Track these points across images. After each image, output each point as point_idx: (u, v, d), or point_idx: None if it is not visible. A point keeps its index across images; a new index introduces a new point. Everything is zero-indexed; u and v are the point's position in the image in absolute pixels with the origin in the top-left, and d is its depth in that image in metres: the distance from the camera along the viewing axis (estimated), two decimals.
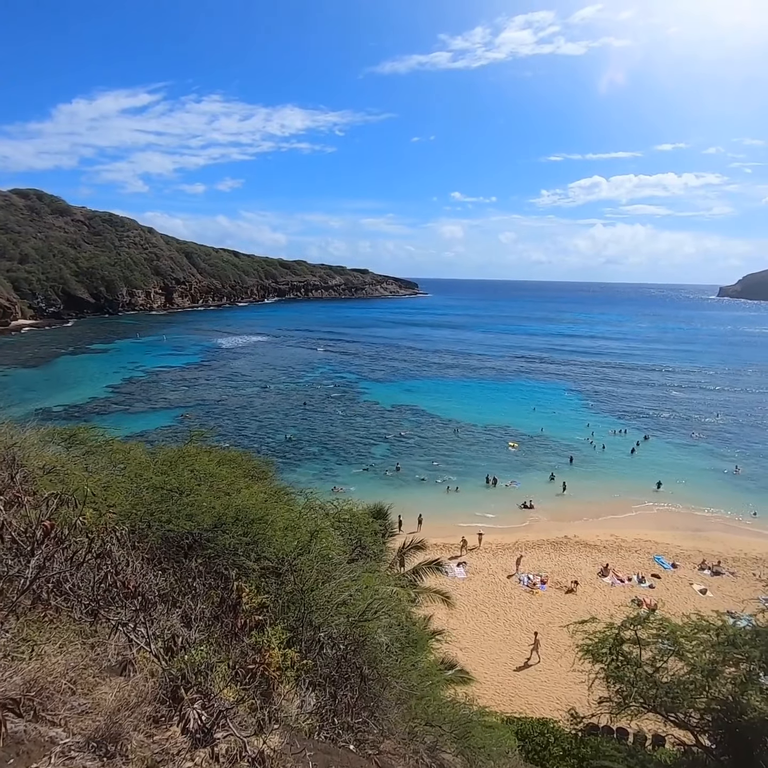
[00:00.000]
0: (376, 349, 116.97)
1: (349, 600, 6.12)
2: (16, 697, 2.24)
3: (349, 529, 10.27)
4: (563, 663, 18.53)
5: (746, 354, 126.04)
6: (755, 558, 33.11)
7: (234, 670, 2.95)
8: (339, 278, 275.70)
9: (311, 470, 46.34)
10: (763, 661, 10.52)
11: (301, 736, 3.00)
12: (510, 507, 40.48)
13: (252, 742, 2.52)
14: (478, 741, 5.80)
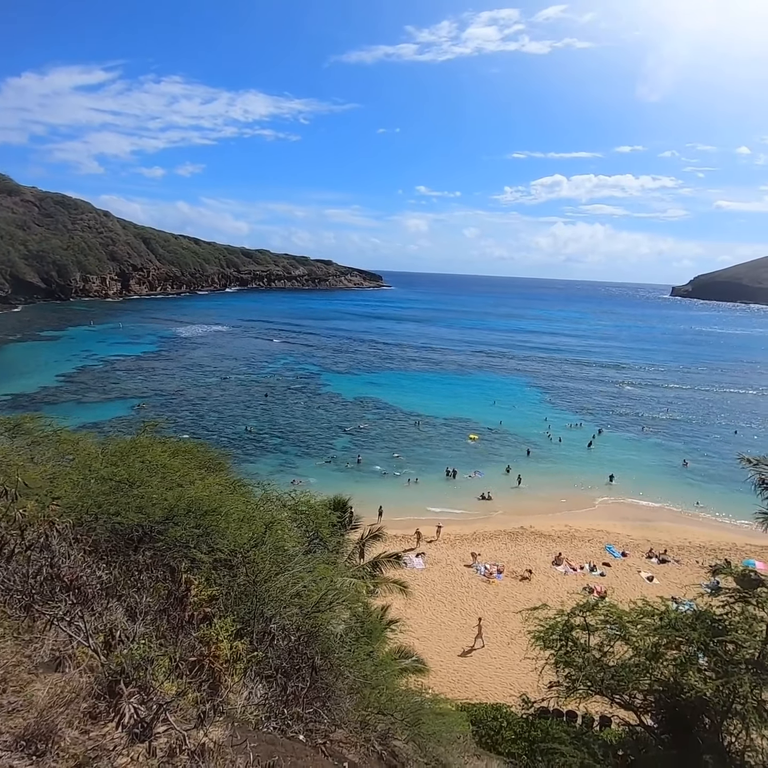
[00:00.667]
0: (339, 342, 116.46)
1: (304, 591, 6.10)
2: None
3: (307, 521, 10.23)
4: (517, 649, 19.03)
5: (696, 352, 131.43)
6: (698, 546, 34.74)
7: (176, 663, 2.90)
8: (302, 269, 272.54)
9: (271, 462, 45.89)
10: (702, 643, 11.05)
11: (246, 728, 2.97)
12: (469, 499, 41.15)
13: (193, 736, 2.49)
14: (429, 728, 5.89)
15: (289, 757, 2.77)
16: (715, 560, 30.77)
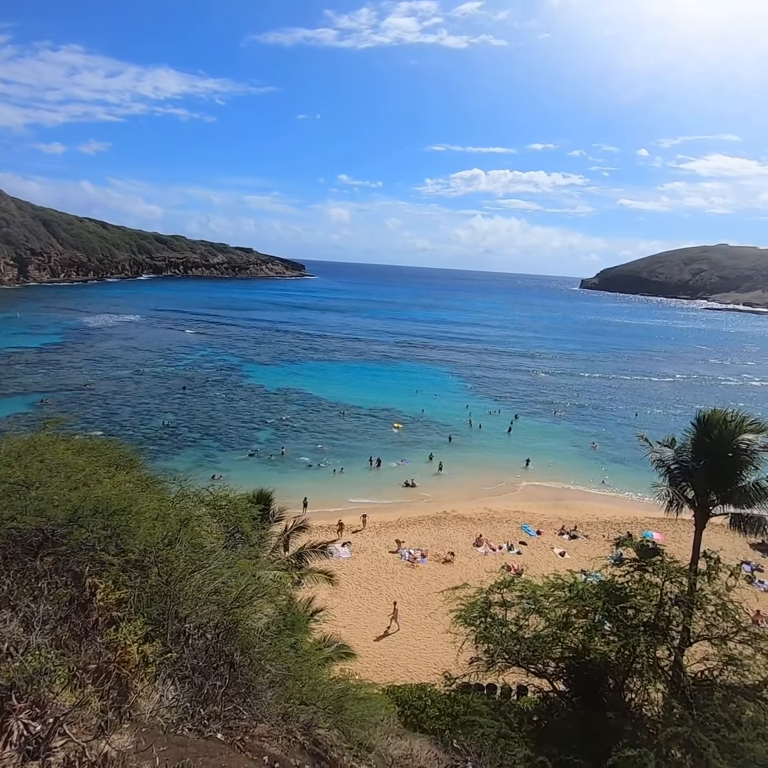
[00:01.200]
0: (260, 332, 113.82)
1: (222, 587, 5.95)
2: None
3: (227, 516, 9.97)
4: (440, 629, 19.66)
5: (603, 341, 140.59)
6: (605, 521, 37.43)
7: (74, 672, 2.73)
8: (221, 256, 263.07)
9: (191, 457, 44.23)
10: (606, 610, 11.93)
11: (155, 732, 2.86)
12: (393, 486, 41.82)
13: (94, 746, 2.36)
14: (352, 713, 5.97)
15: (201, 757, 2.70)
16: (618, 534, 33.32)
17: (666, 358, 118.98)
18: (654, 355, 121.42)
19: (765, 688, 11.26)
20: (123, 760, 2.26)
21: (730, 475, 12.66)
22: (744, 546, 32.30)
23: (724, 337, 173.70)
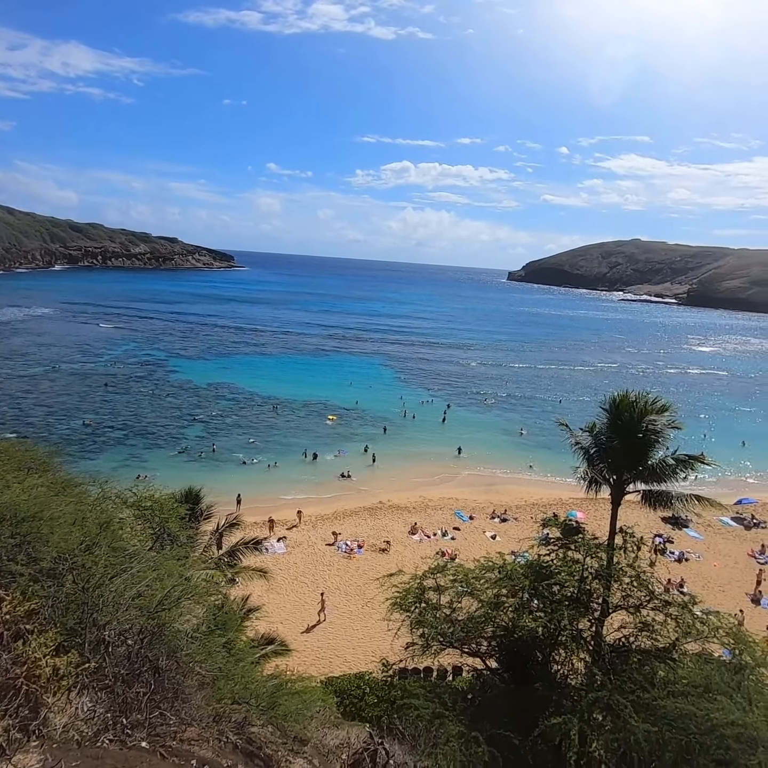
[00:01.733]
0: (188, 326, 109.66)
1: (146, 591, 5.72)
2: None
3: (152, 516, 9.58)
4: (377, 618, 19.88)
5: (530, 332, 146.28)
6: (533, 504, 39.14)
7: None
8: (144, 246, 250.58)
9: (116, 457, 42.09)
10: (533, 588, 12.51)
11: (68, 747, 2.71)
12: (329, 479, 41.72)
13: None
14: (287, 708, 5.93)
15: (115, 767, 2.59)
16: (545, 515, 34.94)
17: (587, 347, 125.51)
18: (577, 345, 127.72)
19: (675, 650, 12.24)
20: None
21: (641, 454, 13.58)
22: (656, 520, 34.77)
23: (638, 327, 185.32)
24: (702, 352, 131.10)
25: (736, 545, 34.82)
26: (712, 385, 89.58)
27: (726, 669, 10.93)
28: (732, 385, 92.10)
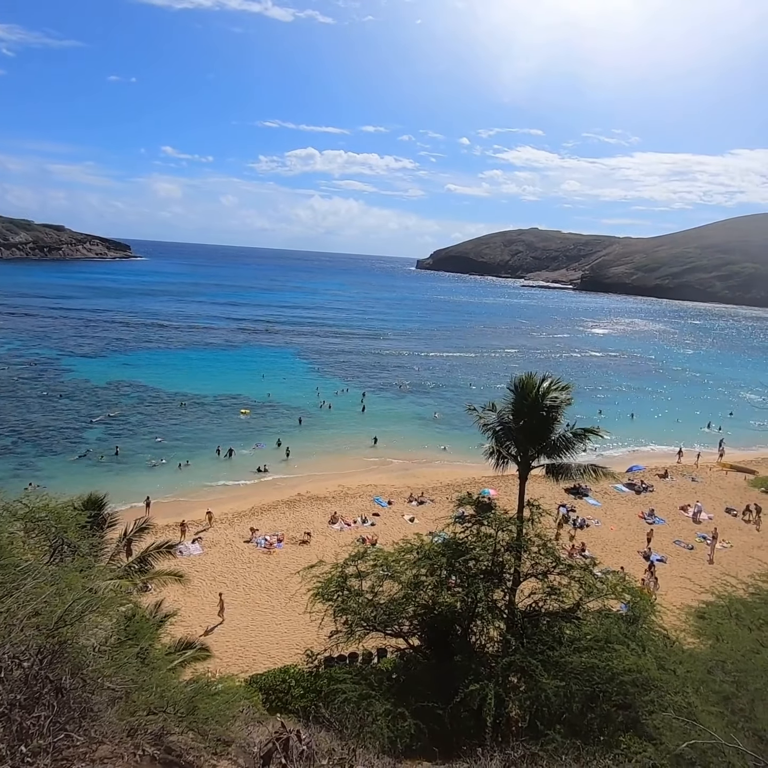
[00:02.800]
0: (81, 321, 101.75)
1: (43, 607, 5.30)
2: None
3: (47, 528, 8.85)
4: (299, 610, 19.77)
5: (439, 319, 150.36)
6: (448, 484, 40.50)
7: None
8: (25, 235, 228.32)
9: (3, 467, 38.35)
10: (450, 565, 13.02)
11: None
12: (244, 474, 40.67)
13: None
14: (207, 711, 5.75)
15: None
16: (459, 494, 36.35)
17: (494, 332, 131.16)
18: (484, 330, 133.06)
19: (579, 609, 13.25)
20: None
21: (544, 431, 14.49)
22: (560, 491, 37.30)
23: (539, 311, 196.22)
24: (596, 334, 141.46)
25: (629, 509, 38.16)
26: (605, 365, 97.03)
27: (623, 621, 12.02)
28: (622, 363, 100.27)
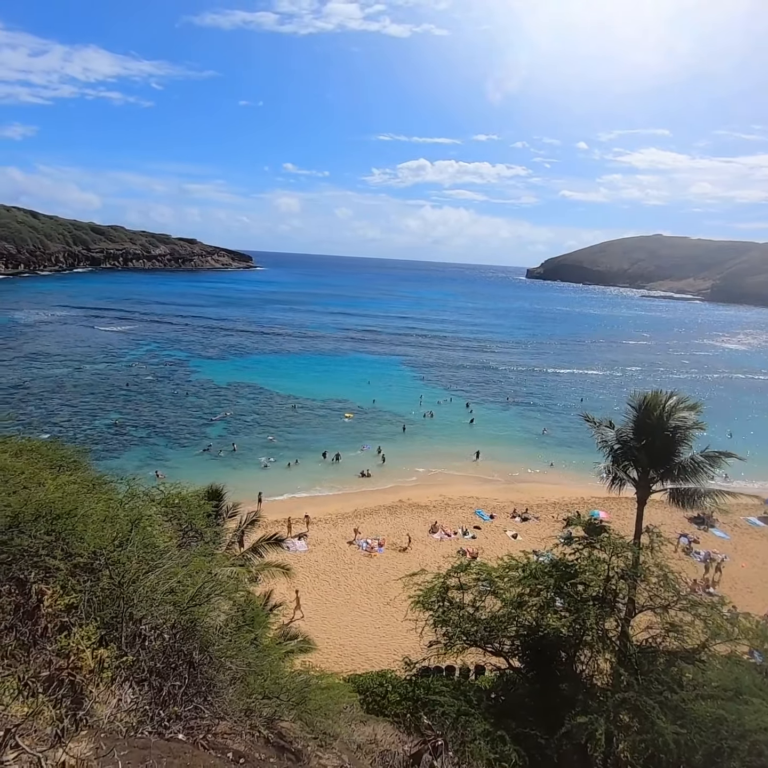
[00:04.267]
0: (207, 326, 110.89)
1: (178, 587, 5.82)
2: None
3: (179, 513, 9.73)
4: (399, 616, 19.90)
5: (550, 330, 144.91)
6: (554, 503, 38.78)
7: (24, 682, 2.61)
8: (164, 247, 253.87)
9: (139, 456, 42.78)
10: (557, 587, 12.41)
11: (115, 737, 2.78)
12: (348, 477, 41.84)
13: (51, 756, 2.27)
14: (315, 704, 5.98)
15: (164, 759, 2.64)
16: (567, 514, 34.64)
17: (610, 345, 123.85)
18: (598, 343, 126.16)
19: (703, 651, 12.02)
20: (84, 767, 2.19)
21: (668, 453, 13.38)
22: (682, 520, 34.24)
23: (662, 324, 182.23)
24: (729, 349, 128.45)
25: (765, 545, 34.08)
26: (739, 385, 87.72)
27: (757, 671, 10.73)
28: (759, 384, 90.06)
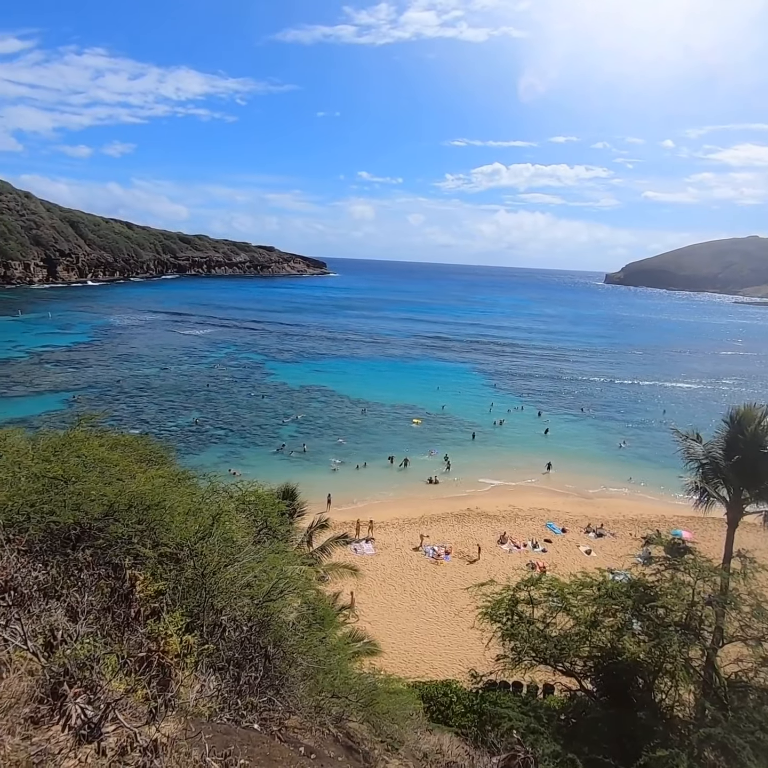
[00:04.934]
0: (282, 330, 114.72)
1: (254, 581, 6.03)
2: None
3: (255, 510, 10.09)
4: (464, 626, 19.65)
5: (630, 337, 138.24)
6: (631, 519, 36.82)
7: (123, 660, 2.80)
8: (244, 255, 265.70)
9: (216, 453, 44.89)
10: (635, 609, 11.76)
11: (200, 720, 2.93)
12: (416, 482, 41.77)
13: (144, 732, 2.42)
14: (383, 707, 6.00)
15: (245, 746, 2.75)
16: (646, 532, 32.77)
17: (697, 355, 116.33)
18: (684, 352, 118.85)
19: None
20: (173, 746, 2.32)
21: (764, 471, 12.35)
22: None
23: (759, 332, 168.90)
24: None
25: None
26: None
27: None
28: None
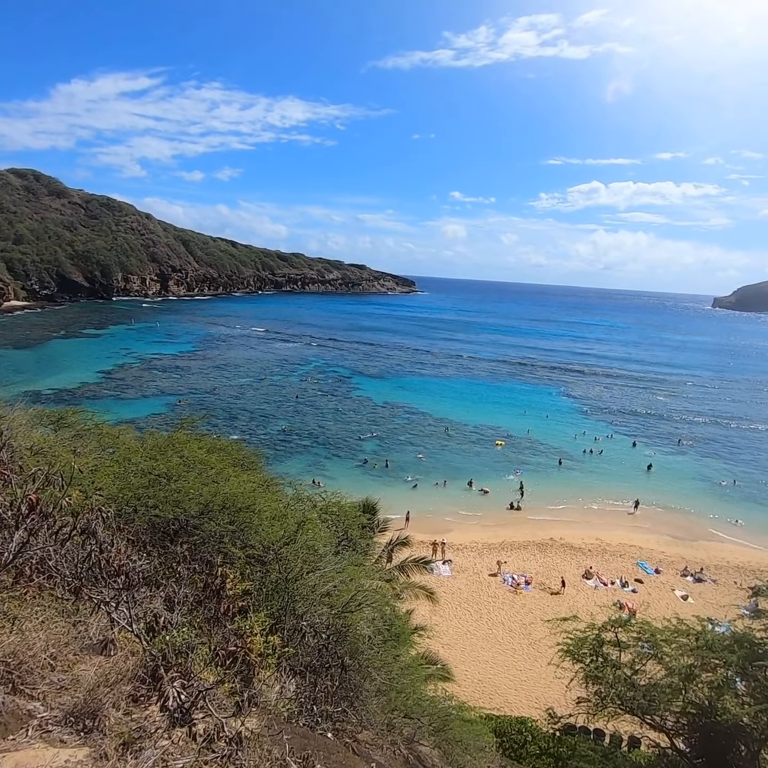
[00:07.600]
0: (370, 346, 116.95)
1: (333, 591, 6.14)
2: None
3: (336, 521, 10.29)
4: (543, 662, 18.69)
5: (740, 366, 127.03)
6: (737, 566, 33.46)
7: (214, 653, 2.96)
8: (336, 273, 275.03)
9: (301, 463, 46.31)
10: (740, 667, 10.63)
11: (279, 720, 3.01)
12: (497, 507, 40.63)
13: (230, 724, 2.54)
14: (456, 735, 5.84)
15: (321, 752, 2.79)
16: (755, 581, 29.58)
17: None
18: None
19: None
20: (257, 741, 2.41)
21: None
22: None
23: None
24: None
25: None
26: None
27: None
28: None
